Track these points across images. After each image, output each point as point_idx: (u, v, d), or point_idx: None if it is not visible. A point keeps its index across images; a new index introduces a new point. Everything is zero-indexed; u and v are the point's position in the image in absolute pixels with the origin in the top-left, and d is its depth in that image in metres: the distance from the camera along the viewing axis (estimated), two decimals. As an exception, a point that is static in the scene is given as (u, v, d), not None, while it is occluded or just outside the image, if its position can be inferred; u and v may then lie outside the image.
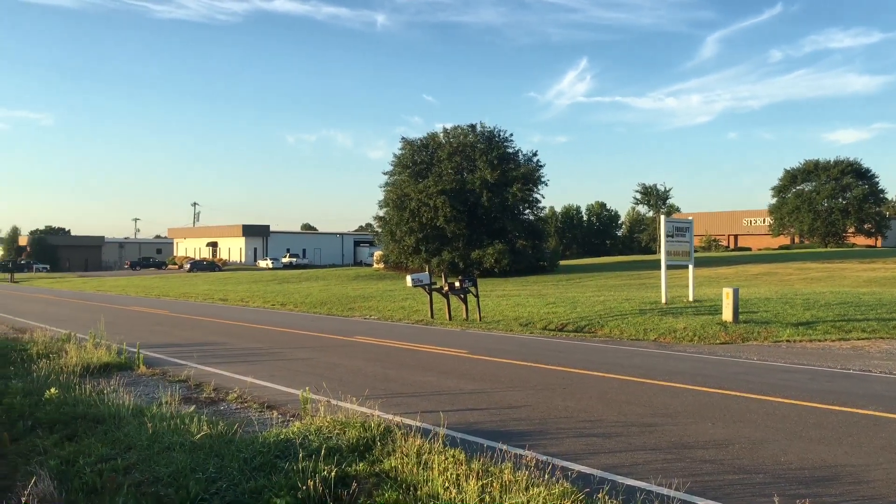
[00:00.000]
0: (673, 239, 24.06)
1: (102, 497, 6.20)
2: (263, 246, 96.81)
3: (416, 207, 50.21)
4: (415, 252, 51.33)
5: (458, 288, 22.75)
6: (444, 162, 53.30)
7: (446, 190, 49.83)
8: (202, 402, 10.24)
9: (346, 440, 7.38)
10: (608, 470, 6.90)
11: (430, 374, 12.54)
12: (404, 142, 56.70)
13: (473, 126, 54.91)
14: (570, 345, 16.96)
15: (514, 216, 52.68)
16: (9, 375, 11.91)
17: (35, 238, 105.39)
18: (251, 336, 19.03)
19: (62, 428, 8.74)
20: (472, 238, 50.65)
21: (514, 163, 53.22)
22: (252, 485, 6.25)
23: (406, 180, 53.34)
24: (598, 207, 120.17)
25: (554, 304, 25.57)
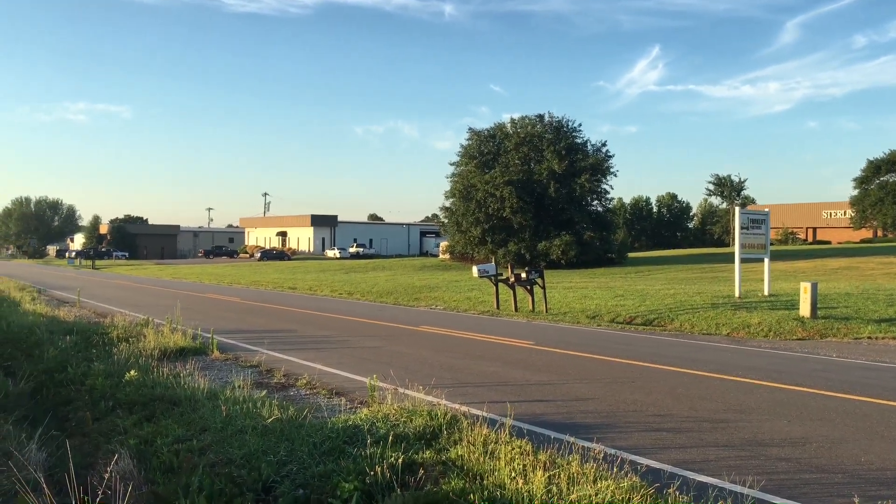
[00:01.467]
0: (748, 231, 23.33)
1: (179, 476, 6.40)
2: (331, 236, 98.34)
3: (483, 198, 50.09)
4: (481, 243, 51.27)
5: (525, 279, 22.62)
6: (511, 152, 53.00)
7: (513, 180, 49.55)
8: (273, 387, 10.47)
9: (412, 428, 7.42)
10: (679, 465, 6.75)
11: (496, 365, 12.51)
12: (471, 132, 56.64)
13: (541, 116, 54.44)
14: (638, 338, 16.67)
15: (582, 207, 52.03)
16: (91, 358, 12.41)
17: (115, 227, 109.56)
18: (319, 324, 19.36)
19: (141, 409, 9.07)
20: (539, 229, 50.26)
21: (583, 153, 52.50)
22: (321, 469, 6.35)
23: (473, 171, 53.27)
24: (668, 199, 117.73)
25: (622, 296, 25.16)
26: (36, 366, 12.36)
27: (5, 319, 18.09)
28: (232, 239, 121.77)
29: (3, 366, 12.38)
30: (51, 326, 16.38)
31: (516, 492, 5.72)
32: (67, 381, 11.04)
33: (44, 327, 16.17)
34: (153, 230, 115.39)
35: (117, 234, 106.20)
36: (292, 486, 6.13)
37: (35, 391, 10.86)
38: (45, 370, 11.97)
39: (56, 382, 11.20)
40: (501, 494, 5.73)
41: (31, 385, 10.97)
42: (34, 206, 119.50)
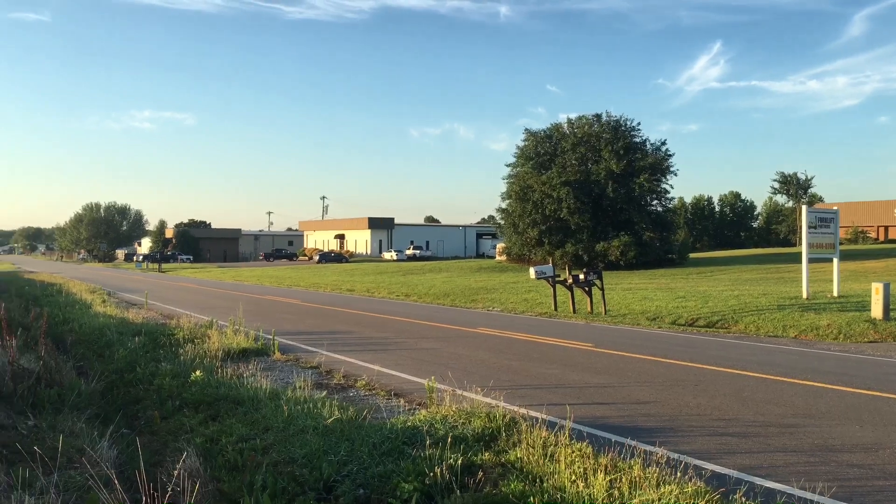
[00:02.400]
0: (816, 230, 22.61)
1: (243, 474, 6.53)
2: (388, 238, 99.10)
3: (540, 199, 49.78)
4: (538, 244, 50.95)
5: (583, 280, 22.38)
6: (568, 153, 52.54)
7: (570, 181, 49.12)
8: (333, 388, 10.60)
9: (471, 430, 7.42)
10: (745, 471, 6.58)
11: (554, 367, 12.41)
12: (527, 133, 56.35)
13: (599, 116, 53.81)
14: (701, 340, 16.31)
15: (641, 207, 51.21)
16: (159, 358, 12.79)
17: (179, 231, 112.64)
18: (377, 326, 19.53)
19: (206, 408, 9.29)
20: (597, 230, 49.69)
21: (642, 152, 51.70)
22: (381, 469, 6.40)
23: (529, 172, 52.99)
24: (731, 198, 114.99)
25: (684, 297, 24.67)
26: (107, 366, 12.80)
27: (78, 321, 18.80)
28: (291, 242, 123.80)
29: (77, 366, 12.83)
30: (120, 328, 16.94)
31: (577, 495, 5.66)
32: (136, 381, 11.39)
33: (114, 329, 16.73)
34: (216, 234, 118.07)
35: (182, 238, 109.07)
36: (353, 486, 6.19)
37: (106, 390, 11.22)
38: (115, 370, 12.39)
39: (125, 382, 11.57)
40: (561, 497, 5.68)
41: (103, 384, 11.34)
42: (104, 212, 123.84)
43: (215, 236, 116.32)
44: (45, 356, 11.09)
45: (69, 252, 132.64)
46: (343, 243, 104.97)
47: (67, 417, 8.71)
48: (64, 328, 17.59)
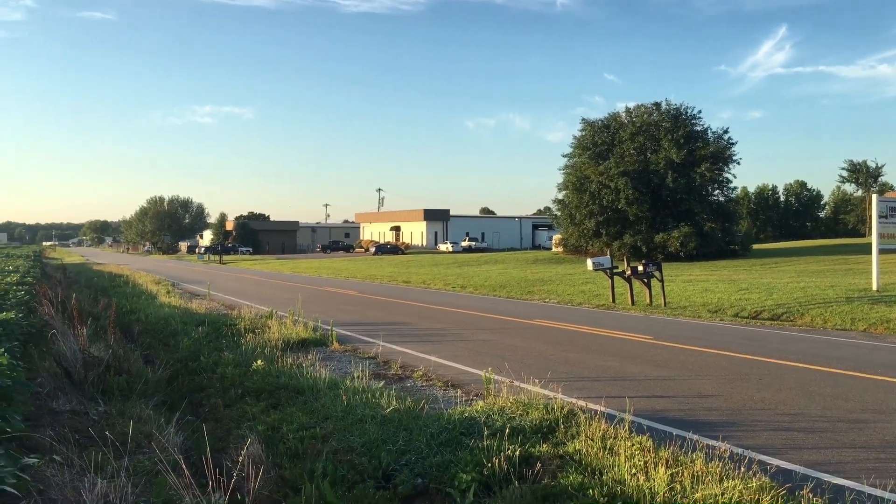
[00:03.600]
0: (887, 220, 21.79)
1: (304, 462, 6.64)
2: (443, 230, 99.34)
3: (597, 190, 49.22)
4: (595, 235, 50.42)
5: (642, 272, 22.03)
6: (627, 142, 51.78)
7: (628, 171, 48.42)
8: (390, 379, 10.69)
9: (528, 421, 7.39)
10: (812, 467, 6.39)
11: (613, 359, 12.26)
12: (584, 123, 55.77)
13: (658, 104, 52.84)
14: (765, 333, 15.88)
15: (702, 197, 50.19)
16: (221, 348, 13.09)
17: (239, 223, 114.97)
18: (433, 317, 19.60)
19: (267, 397, 9.48)
20: (656, 221, 48.89)
21: (703, 141, 50.61)
22: (439, 459, 6.43)
23: (586, 162, 52.44)
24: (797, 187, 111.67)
25: (746, 289, 24.08)
26: (172, 354, 13.16)
27: (144, 311, 19.38)
28: (348, 234, 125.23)
29: (143, 354, 13.22)
30: (184, 318, 17.39)
31: (637, 488, 5.59)
32: (200, 370, 11.69)
33: (178, 318, 17.19)
34: (274, 226, 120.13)
35: (241, 231, 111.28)
36: (411, 475, 6.23)
37: (171, 378, 11.54)
38: (179, 359, 12.73)
39: (190, 370, 11.88)
40: (621, 490, 5.61)
41: (168, 373, 11.67)
42: (167, 205, 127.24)
43: (274, 228, 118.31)
44: (114, 345, 11.47)
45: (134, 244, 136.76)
46: (399, 235, 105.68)
47: (135, 404, 8.98)
48: (131, 318, 18.14)
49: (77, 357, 10.26)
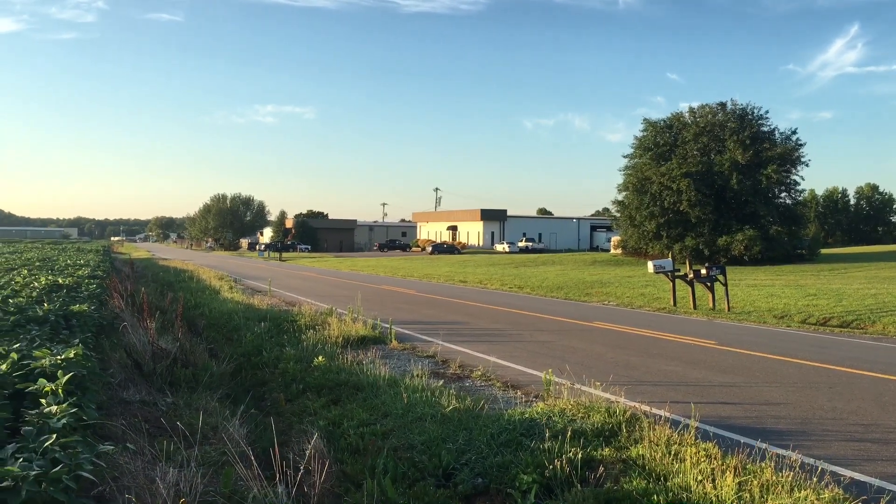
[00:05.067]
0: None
1: (365, 458, 6.70)
2: (500, 230, 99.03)
3: (658, 191, 48.40)
4: (655, 237, 49.60)
5: (705, 275, 21.54)
6: (690, 143, 50.79)
7: (691, 172, 47.47)
8: (449, 378, 10.69)
9: (590, 424, 7.29)
10: (888, 479, 6.15)
11: (676, 364, 12.01)
12: (646, 123, 54.89)
13: (723, 104, 51.66)
14: (834, 340, 15.35)
15: (768, 200, 48.88)
16: (282, 343, 13.31)
17: (299, 221, 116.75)
18: (491, 317, 19.55)
19: (328, 393, 9.59)
20: (719, 223, 47.80)
21: (769, 142, 49.28)
22: (499, 459, 6.40)
23: (647, 163, 51.62)
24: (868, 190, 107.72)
25: (814, 295, 23.33)
26: (235, 349, 13.45)
27: (208, 306, 19.86)
28: (405, 233, 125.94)
29: (208, 348, 13.54)
30: (246, 313, 17.75)
31: (703, 496, 5.46)
32: (262, 364, 11.91)
33: (241, 314, 17.56)
34: (332, 224, 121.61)
35: (301, 229, 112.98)
36: (471, 475, 6.22)
37: (235, 372, 11.79)
38: (242, 353, 12.99)
39: (252, 365, 12.12)
40: (687, 497, 5.49)
41: (232, 366, 11.92)
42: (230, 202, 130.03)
43: (332, 227, 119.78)
44: (180, 338, 11.78)
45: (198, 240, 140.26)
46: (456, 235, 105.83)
47: (201, 396, 9.20)
48: (195, 312, 18.61)
49: (146, 349, 10.57)
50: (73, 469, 3.77)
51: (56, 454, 3.85)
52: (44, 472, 3.59)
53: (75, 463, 3.83)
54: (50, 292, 12.54)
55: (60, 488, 3.58)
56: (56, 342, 7.34)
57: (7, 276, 16.82)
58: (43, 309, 9.49)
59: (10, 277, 16.00)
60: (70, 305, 10.49)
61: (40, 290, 12.64)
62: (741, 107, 51.04)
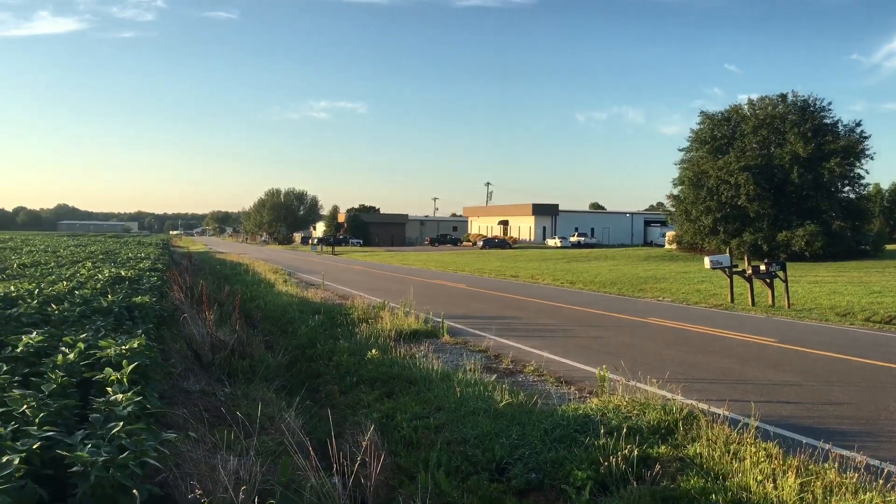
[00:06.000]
0: None
1: (418, 451, 6.73)
2: (552, 225, 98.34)
3: (715, 185, 47.40)
4: (712, 233, 48.61)
5: (764, 271, 21.01)
6: (748, 136, 49.60)
7: (749, 166, 46.34)
8: (501, 373, 10.68)
9: (645, 421, 7.19)
10: (961, 485, 5.90)
11: (733, 361, 11.76)
12: (703, 115, 53.73)
13: (784, 96, 50.25)
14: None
15: (830, 194, 47.43)
16: (336, 336, 13.46)
17: (351, 216, 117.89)
18: (543, 312, 19.44)
19: (381, 385, 9.67)
20: (779, 218, 46.58)
21: (832, 135, 47.77)
22: (553, 455, 6.36)
23: (704, 156, 50.59)
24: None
25: (879, 292, 22.56)
26: (290, 341, 13.66)
27: (263, 299, 20.22)
28: (456, 227, 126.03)
29: (264, 340, 13.78)
30: (301, 306, 18.02)
31: (764, 496, 5.34)
32: (317, 357, 12.07)
33: (295, 307, 17.83)
34: (384, 219, 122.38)
35: (353, 223, 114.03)
36: (525, 469, 6.20)
37: (290, 364, 11.98)
38: (297, 346, 13.19)
39: (307, 357, 12.29)
40: (746, 497, 5.38)
41: (287, 358, 12.12)
42: (283, 197, 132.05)
43: (383, 221, 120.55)
44: (238, 330, 12.02)
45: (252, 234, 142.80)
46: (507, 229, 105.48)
47: (258, 387, 9.38)
48: (251, 305, 18.95)
49: (205, 340, 10.83)
50: (139, 455, 3.89)
51: (122, 441, 3.97)
52: (111, 458, 3.70)
53: (140, 450, 3.94)
54: (113, 284, 12.94)
55: (127, 474, 3.69)
56: (120, 333, 7.56)
57: (73, 268, 17.41)
58: (107, 300, 9.79)
59: (75, 269, 16.55)
60: (132, 297, 10.81)
61: (104, 282, 13.04)
62: (802, 98, 49.61)
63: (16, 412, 4.18)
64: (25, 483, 3.42)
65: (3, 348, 6.17)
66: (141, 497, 3.54)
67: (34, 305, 8.66)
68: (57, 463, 3.77)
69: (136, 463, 3.80)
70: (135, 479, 3.72)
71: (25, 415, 4.18)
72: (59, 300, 9.60)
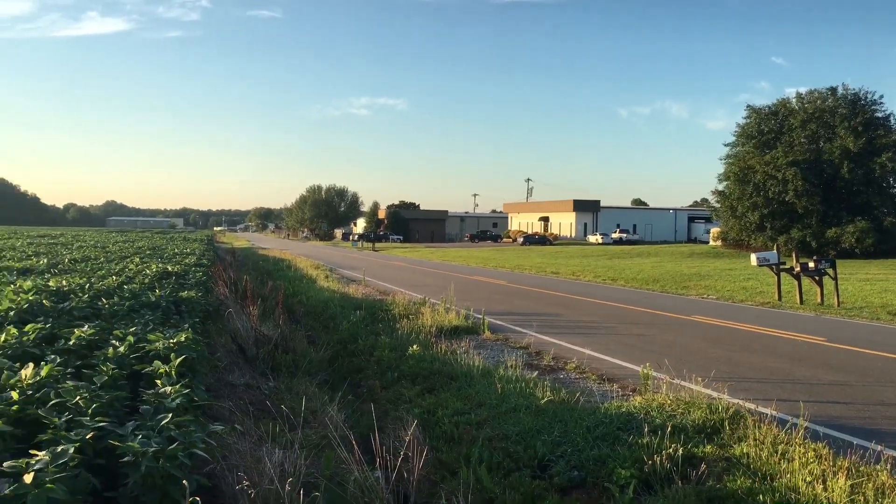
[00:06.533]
0: None
1: (460, 446, 6.74)
2: (593, 221, 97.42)
3: (762, 181, 46.47)
4: (758, 229, 47.69)
5: (813, 269, 20.53)
6: (797, 130, 48.48)
7: (798, 161, 45.33)
8: (542, 369, 10.63)
9: (690, 420, 7.09)
10: None
11: (781, 361, 11.52)
12: (750, 110, 52.69)
13: (833, 89, 49.02)
14: (956, 339, 14.35)
15: (882, 190, 46.15)
16: (377, 332, 13.54)
17: (391, 212, 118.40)
18: (584, 309, 19.29)
19: (422, 381, 9.70)
20: (828, 214, 45.48)
21: (884, 129, 46.45)
22: (595, 453, 6.31)
23: (751, 151, 49.63)
24: None
25: (933, 291, 21.90)
26: (332, 336, 13.79)
27: (305, 294, 20.44)
28: (496, 224, 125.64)
29: (306, 335, 13.93)
30: (342, 302, 18.17)
31: (813, 498, 5.23)
32: (358, 352, 12.16)
33: (336, 302, 17.99)
34: (424, 215, 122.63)
35: (393, 219, 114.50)
36: (567, 467, 6.16)
37: (332, 359, 12.10)
38: (339, 341, 13.31)
39: (348, 352, 12.39)
40: (795, 499, 5.27)
41: (329, 353, 12.24)
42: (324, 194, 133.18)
43: (423, 217, 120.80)
44: (281, 325, 12.18)
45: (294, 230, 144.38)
46: (547, 226, 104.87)
47: (301, 381, 9.49)
48: (294, 300, 19.17)
49: (249, 335, 10.99)
50: (188, 447, 3.96)
51: (171, 432, 4.05)
52: (161, 448, 3.78)
53: (189, 441, 4.01)
54: (160, 279, 13.20)
55: (176, 465, 3.77)
56: (167, 326, 7.71)
57: (121, 263, 17.82)
58: (155, 295, 10.00)
59: (124, 265, 16.93)
60: (179, 292, 11.01)
61: (152, 277, 13.32)
62: (853, 92, 48.32)
63: (69, 403, 4.29)
64: (79, 472, 3.51)
65: (56, 341, 6.34)
66: (190, 487, 3.61)
67: (85, 300, 8.88)
68: (108, 453, 3.87)
69: (184, 454, 3.88)
70: (184, 470, 3.79)
71: (79, 406, 4.29)
72: (108, 294, 9.83)
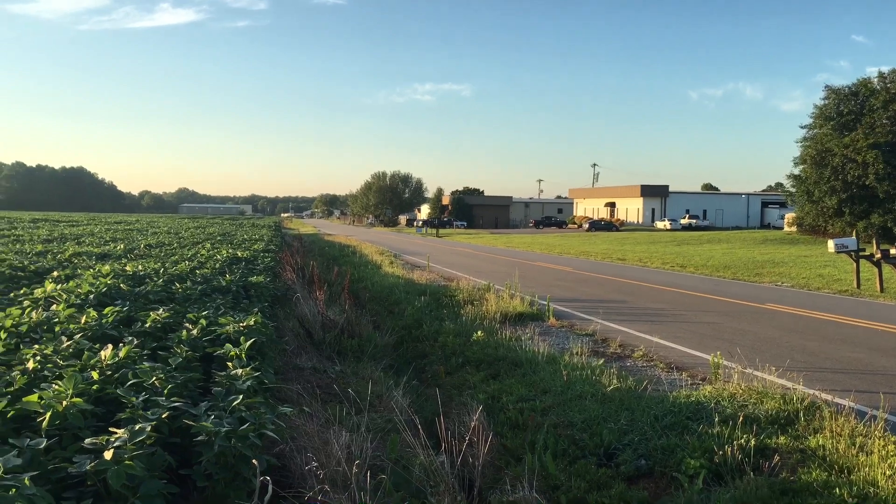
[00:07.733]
0: None
1: (524, 433, 6.72)
2: (661, 206, 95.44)
3: (840, 164, 44.61)
4: (836, 214, 45.84)
5: (894, 256, 19.66)
6: (879, 111, 46.28)
7: (880, 143, 43.30)
8: (609, 357, 10.48)
9: (763, 411, 6.89)
10: None
11: (860, 351, 11.08)
12: (828, 90, 50.50)
13: (918, 67, 46.55)
14: None
15: (969, 173, 43.71)
16: (442, 317, 13.60)
17: (455, 198, 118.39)
18: (651, 296, 18.94)
19: (486, 367, 9.71)
20: (910, 199, 43.37)
21: (972, 108, 43.99)
22: (663, 442, 6.20)
23: (829, 134, 47.63)
24: None
25: None
26: (396, 322, 13.90)
27: (370, 280, 20.67)
28: (561, 210, 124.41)
29: (371, 320, 14.09)
30: (407, 288, 18.30)
31: (893, 492, 5.02)
32: (422, 338, 12.24)
33: (401, 288, 18.13)
34: (488, 201, 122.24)
35: (457, 205, 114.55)
36: (634, 455, 6.07)
37: (397, 344, 12.21)
38: (403, 326, 13.41)
39: (413, 338, 12.48)
40: (874, 493, 5.06)
41: (394, 339, 12.36)
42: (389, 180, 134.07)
43: (488, 203, 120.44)
44: (347, 310, 12.34)
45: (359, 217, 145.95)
46: (614, 211, 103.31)
47: (366, 366, 9.61)
48: (359, 286, 19.40)
49: (316, 319, 11.18)
50: (258, 428, 4.05)
51: (242, 413, 4.15)
52: (233, 429, 3.88)
53: (259, 422, 4.10)
54: (230, 264, 13.54)
55: (247, 444, 3.86)
56: (237, 310, 7.91)
57: (193, 249, 18.35)
58: (225, 280, 10.26)
59: (195, 250, 17.44)
60: (248, 277, 11.27)
61: (222, 262, 13.67)
62: (943, 68, 45.83)
63: (146, 383, 4.44)
64: (155, 450, 3.63)
65: (133, 323, 6.57)
66: (260, 467, 3.69)
67: (160, 284, 9.17)
68: (182, 432, 3.99)
69: (255, 434, 3.97)
70: (254, 450, 3.88)
71: (155, 386, 4.43)
72: (181, 279, 10.14)
